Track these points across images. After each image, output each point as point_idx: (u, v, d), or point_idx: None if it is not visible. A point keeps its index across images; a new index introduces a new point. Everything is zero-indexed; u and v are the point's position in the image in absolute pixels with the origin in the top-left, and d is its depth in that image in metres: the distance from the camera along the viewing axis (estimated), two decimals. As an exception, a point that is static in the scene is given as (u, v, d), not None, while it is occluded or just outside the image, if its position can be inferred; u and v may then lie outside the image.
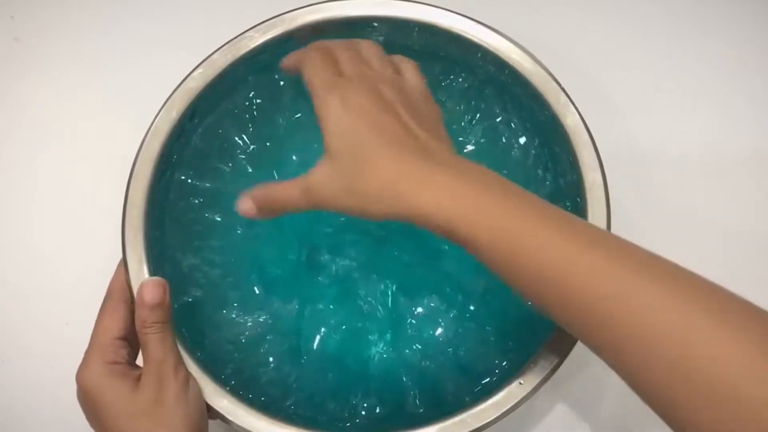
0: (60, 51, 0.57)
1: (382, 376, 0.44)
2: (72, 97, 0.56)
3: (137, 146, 0.42)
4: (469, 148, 0.48)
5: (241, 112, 0.47)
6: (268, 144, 0.48)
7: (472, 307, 0.46)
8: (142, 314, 0.38)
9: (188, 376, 0.38)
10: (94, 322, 0.39)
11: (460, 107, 0.49)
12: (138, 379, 0.37)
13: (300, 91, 0.47)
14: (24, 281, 0.51)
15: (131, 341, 0.39)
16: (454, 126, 0.48)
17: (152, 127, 0.43)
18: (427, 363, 0.45)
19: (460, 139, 0.48)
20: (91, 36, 0.57)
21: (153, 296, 0.38)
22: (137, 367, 0.39)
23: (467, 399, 0.40)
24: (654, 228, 0.51)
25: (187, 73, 0.44)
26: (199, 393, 0.38)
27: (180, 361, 0.38)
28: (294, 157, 0.48)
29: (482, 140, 0.49)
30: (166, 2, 0.57)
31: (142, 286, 0.39)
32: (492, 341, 0.45)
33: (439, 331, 0.45)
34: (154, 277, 0.40)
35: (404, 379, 0.44)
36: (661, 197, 0.53)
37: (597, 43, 0.56)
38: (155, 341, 0.38)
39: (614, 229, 0.42)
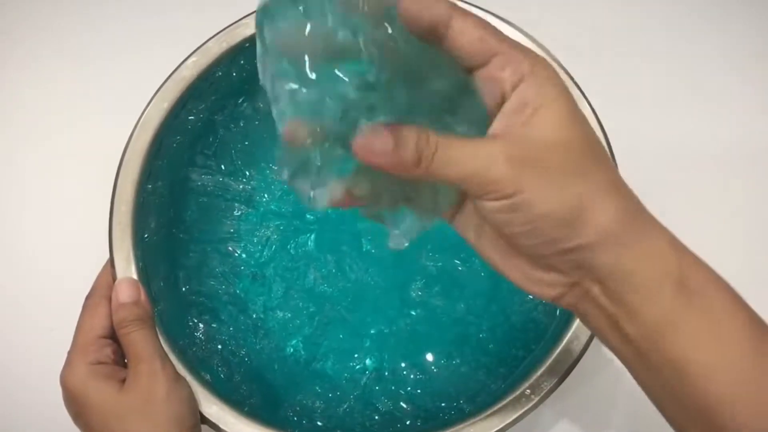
0: (42, 42, 0.55)
1: (380, 385, 0.43)
2: (55, 90, 0.54)
3: (126, 140, 0.41)
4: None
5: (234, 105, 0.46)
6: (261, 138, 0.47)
7: (476, 315, 0.44)
8: (120, 313, 0.37)
9: (177, 373, 0.37)
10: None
11: None
12: (124, 378, 0.36)
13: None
14: (7, 286, 0.50)
15: (116, 339, 0.38)
16: None
17: (142, 119, 0.41)
18: (428, 370, 0.43)
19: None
20: (75, 27, 0.55)
21: (128, 294, 0.38)
22: (124, 366, 0.37)
23: (470, 409, 0.39)
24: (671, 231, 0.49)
25: (180, 61, 0.42)
26: (191, 392, 0.37)
27: (166, 358, 0.37)
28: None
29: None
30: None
31: (116, 285, 0.38)
32: (498, 349, 0.43)
33: (443, 337, 0.44)
34: (128, 277, 0.39)
35: (403, 388, 0.43)
36: (679, 198, 0.51)
37: (612, 35, 0.54)
38: (137, 339, 0.37)
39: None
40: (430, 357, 0.44)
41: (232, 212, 0.46)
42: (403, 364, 0.44)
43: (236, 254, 0.46)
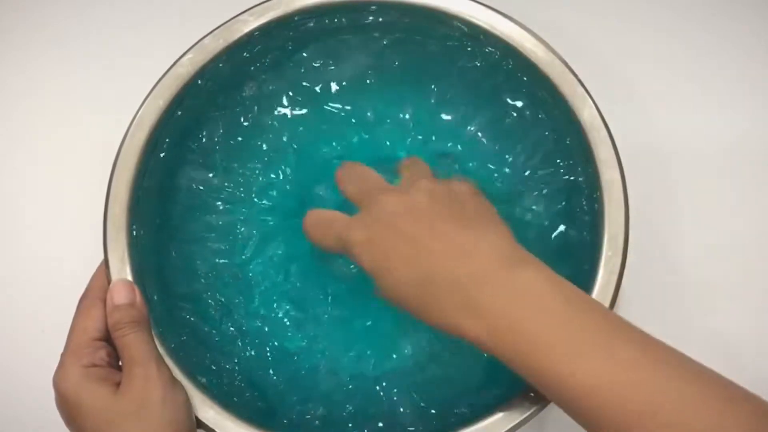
0: (35, 38, 0.54)
1: (379, 389, 0.42)
2: (48, 87, 0.53)
3: (120, 139, 0.41)
4: (475, 140, 0.47)
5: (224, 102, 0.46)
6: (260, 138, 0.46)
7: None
8: (114, 315, 0.37)
9: (173, 377, 0.37)
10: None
11: (466, 95, 0.47)
12: (119, 382, 0.35)
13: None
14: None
15: (110, 341, 0.37)
16: (459, 115, 0.47)
17: (137, 117, 0.41)
18: (428, 374, 0.43)
19: (469, 128, 0.47)
20: (68, 22, 0.54)
21: (124, 296, 0.37)
22: (118, 369, 0.37)
23: (473, 412, 0.38)
24: (676, 232, 0.49)
25: (176, 59, 0.42)
26: (187, 396, 0.37)
27: (162, 362, 0.37)
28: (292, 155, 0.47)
29: (489, 133, 0.47)
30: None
31: (111, 287, 0.38)
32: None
33: (443, 339, 0.43)
34: (124, 278, 0.39)
35: (402, 393, 0.42)
36: (686, 198, 0.50)
37: (617, 30, 0.54)
38: (132, 342, 0.36)
39: (633, 232, 0.40)
40: (430, 360, 0.43)
41: (220, 210, 0.46)
42: (401, 368, 0.43)
43: (225, 254, 0.45)
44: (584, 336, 0.31)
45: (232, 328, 0.44)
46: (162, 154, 0.42)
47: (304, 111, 0.47)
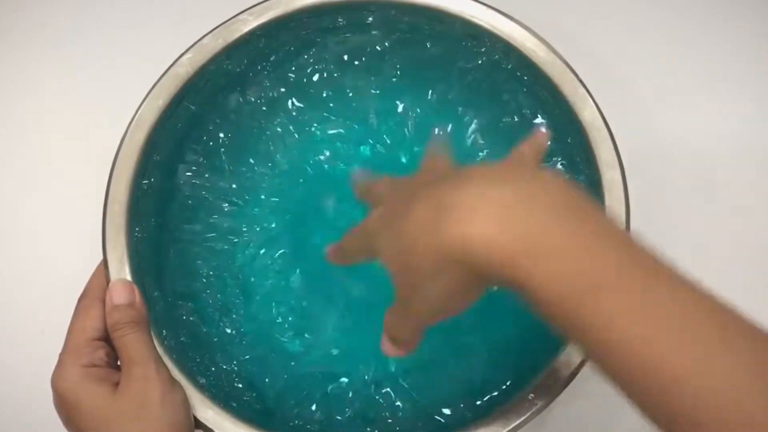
0: (35, 38, 0.54)
1: (378, 393, 0.42)
2: (48, 87, 0.53)
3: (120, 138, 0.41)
4: (474, 141, 0.47)
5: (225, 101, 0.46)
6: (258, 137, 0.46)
7: (476, 318, 0.43)
8: (114, 316, 0.37)
9: (172, 378, 0.36)
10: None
11: (466, 95, 0.47)
12: (118, 382, 0.35)
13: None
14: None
15: (109, 341, 0.37)
16: (459, 115, 0.47)
17: (136, 117, 0.41)
18: (428, 377, 0.43)
19: (469, 128, 0.47)
20: (68, 22, 0.54)
21: (123, 296, 0.37)
22: (117, 369, 0.37)
23: (472, 415, 0.39)
24: (676, 231, 0.49)
25: (175, 58, 0.42)
26: (185, 397, 0.37)
27: (161, 362, 0.37)
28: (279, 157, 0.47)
29: (489, 132, 0.47)
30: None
31: (110, 287, 0.38)
32: (499, 353, 0.43)
33: (443, 343, 0.43)
34: (123, 278, 0.39)
35: (402, 395, 0.42)
36: (686, 198, 0.50)
37: (618, 30, 0.54)
38: (131, 342, 0.36)
39: (634, 231, 0.39)
40: (429, 363, 0.43)
41: (220, 210, 0.46)
42: (401, 371, 0.43)
43: (224, 255, 0.45)
44: (657, 311, 0.25)
45: (230, 329, 0.44)
46: (161, 154, 0.42)
47: (304, 109, 0.47)
